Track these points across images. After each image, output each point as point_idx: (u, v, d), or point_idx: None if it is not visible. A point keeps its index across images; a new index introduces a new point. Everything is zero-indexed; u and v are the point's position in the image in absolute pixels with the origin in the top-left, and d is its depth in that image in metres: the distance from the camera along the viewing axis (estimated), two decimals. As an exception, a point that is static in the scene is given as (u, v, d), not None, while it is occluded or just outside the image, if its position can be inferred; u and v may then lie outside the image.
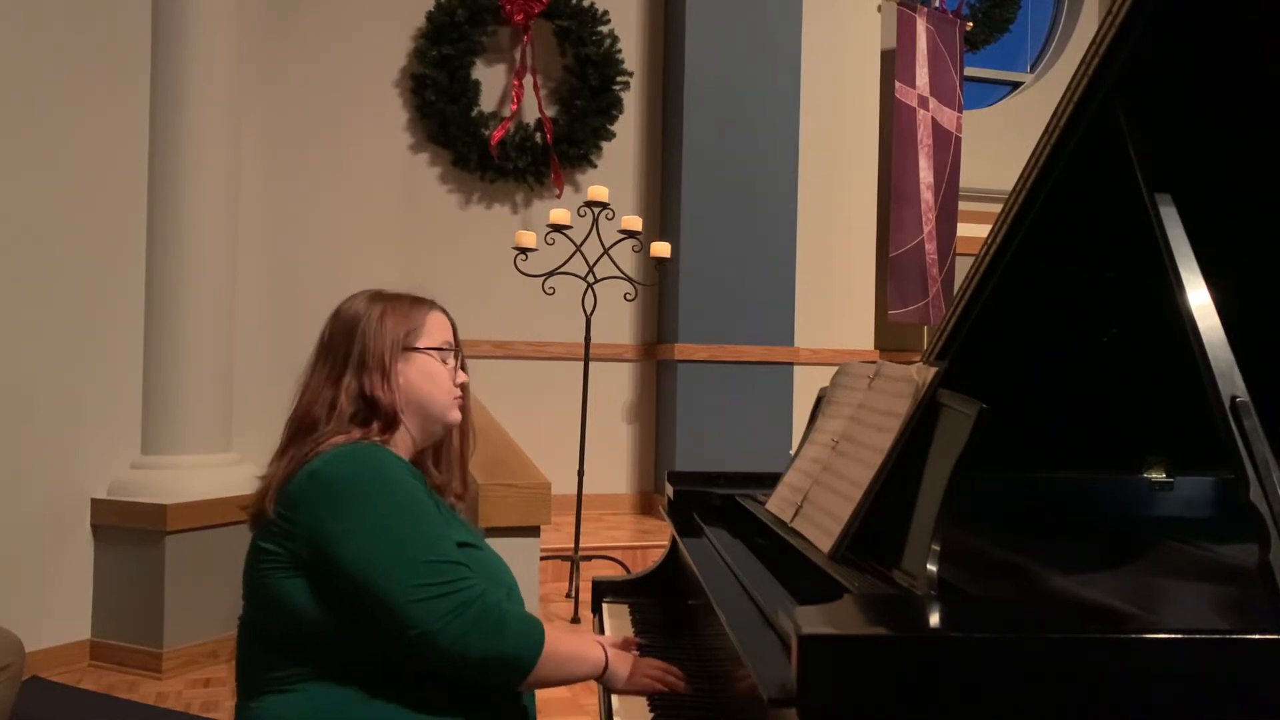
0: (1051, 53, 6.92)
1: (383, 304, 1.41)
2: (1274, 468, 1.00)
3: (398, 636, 1.20)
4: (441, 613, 1.19)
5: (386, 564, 1.20)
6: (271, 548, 1.26)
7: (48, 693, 3.16)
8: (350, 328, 1.39)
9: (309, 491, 1.25)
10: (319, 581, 1.24)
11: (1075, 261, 1.53)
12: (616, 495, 5.28)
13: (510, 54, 5.20)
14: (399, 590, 1.19)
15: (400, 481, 1.28)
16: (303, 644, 1.25)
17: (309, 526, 1.23)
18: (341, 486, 1.24)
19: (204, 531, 3.50)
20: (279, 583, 1.25)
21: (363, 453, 1.29)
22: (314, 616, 1.24)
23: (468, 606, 1.21)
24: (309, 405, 1.35)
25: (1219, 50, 1.27)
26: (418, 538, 1.23)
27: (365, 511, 1.23)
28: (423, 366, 1.40)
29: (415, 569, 1.20)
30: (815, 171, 5.34)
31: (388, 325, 1.38)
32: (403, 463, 1.34)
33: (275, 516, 1.26)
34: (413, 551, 1.22)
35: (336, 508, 1.23)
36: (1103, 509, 1.73)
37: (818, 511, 1.32)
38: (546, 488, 2.95)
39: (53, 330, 3.45)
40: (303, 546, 1.24)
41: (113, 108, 3.63)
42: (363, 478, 1.25)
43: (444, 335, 1.45)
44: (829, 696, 0.84)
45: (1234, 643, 0.88)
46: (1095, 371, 1.63)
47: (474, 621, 1.20)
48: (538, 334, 5.00)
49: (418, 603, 1.19)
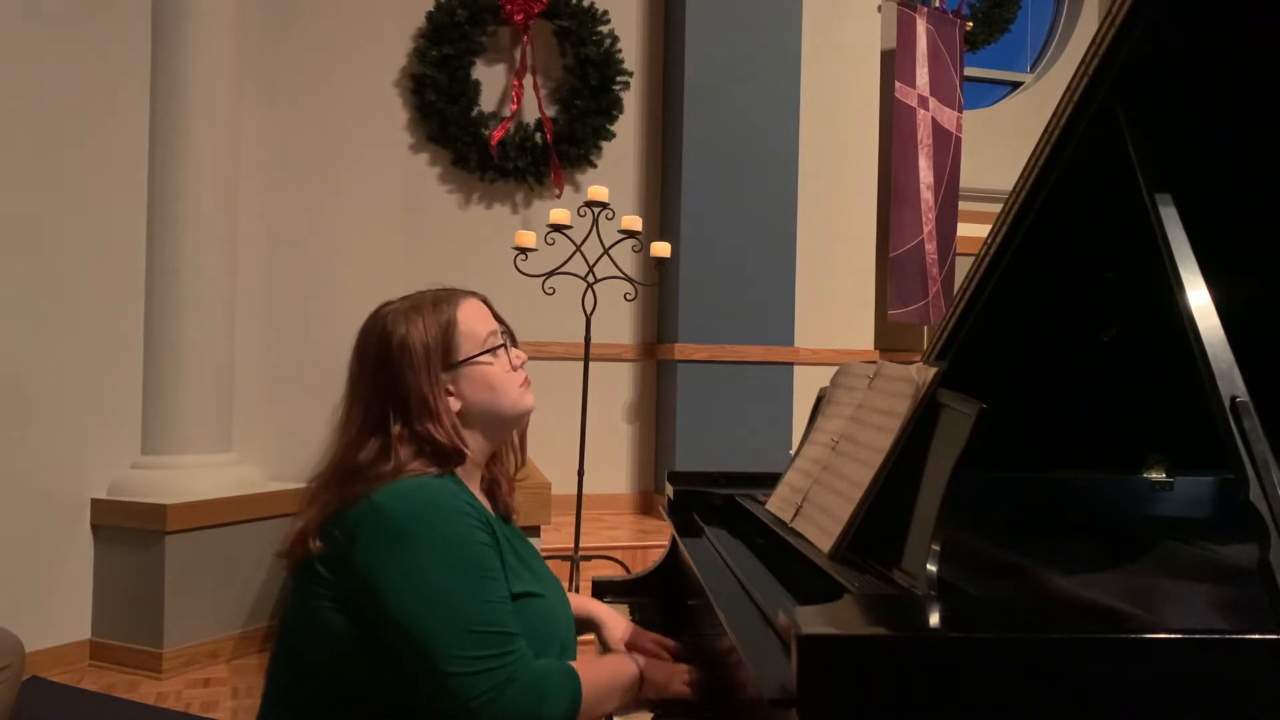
0: (1051, 53, 6.92)
1: (406, 324, 1.28)
2: (1274, 468, 1.00)
3: (432, 699, 1.15)
4: (481, 690, 1.13)
5: (434, 626, 1.14)
6: (324, 573, 1.20)
7: (48, 693, 3.16)
8: (381, 362, 1.27)
9: (369, 524, 1.18)
10: (362, 619, 1.18)
11: (1075, 261, 1.53)
12: (616, 495, 5.28)
13: (510, 54, 5.20)
14: (442, 658, 1.13)
15: (463, 533, 1.19)
16: (335, 673, 1.21)
17: (364, 563, 1.17)
18: (402, 529, 1.17)
19: (204, 531, 3.50)
20: (322, 610, 1.20)
21: (428, 492, 1.21)
22: (350, 650, 1.19)
23: (509, 685, 1.15)
24: (354, 451, 1.24)
25: (1219, 50, 1.27)
26: (470, 602, 1.16)
27: (422, 561, 1.16)
28: (475, 378, 1.30)
29: (462, 638, 1.14)
30: (815, 171, 5.33)
31: (418, 352, 1.26)
32: (469, 504, 1.24)
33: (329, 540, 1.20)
34: (463, 618, 1.15)
35: (393, 551, 1.16)
36: (1103, 509, 1.73)
37: (818, 511, 1.32)
38: (546, 488, 2.96)
39: (53, 330, 3.45)
40: (353, 580, 1.18)
41: (113, 108, 3.63)
42: (426, 521, 1.18)
43: (485, 326, 1.33)
44: (829, 696, 0.84)
45: (1234, 643, 0.88)
46: (1095, 371, 1.63)
47: (512, 701, 1.14)
48: (538, 334, 4.99)
49: (459, 675, 1.13)
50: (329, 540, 1.20)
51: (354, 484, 1.21)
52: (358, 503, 1.19)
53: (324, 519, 1.21)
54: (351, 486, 1.21)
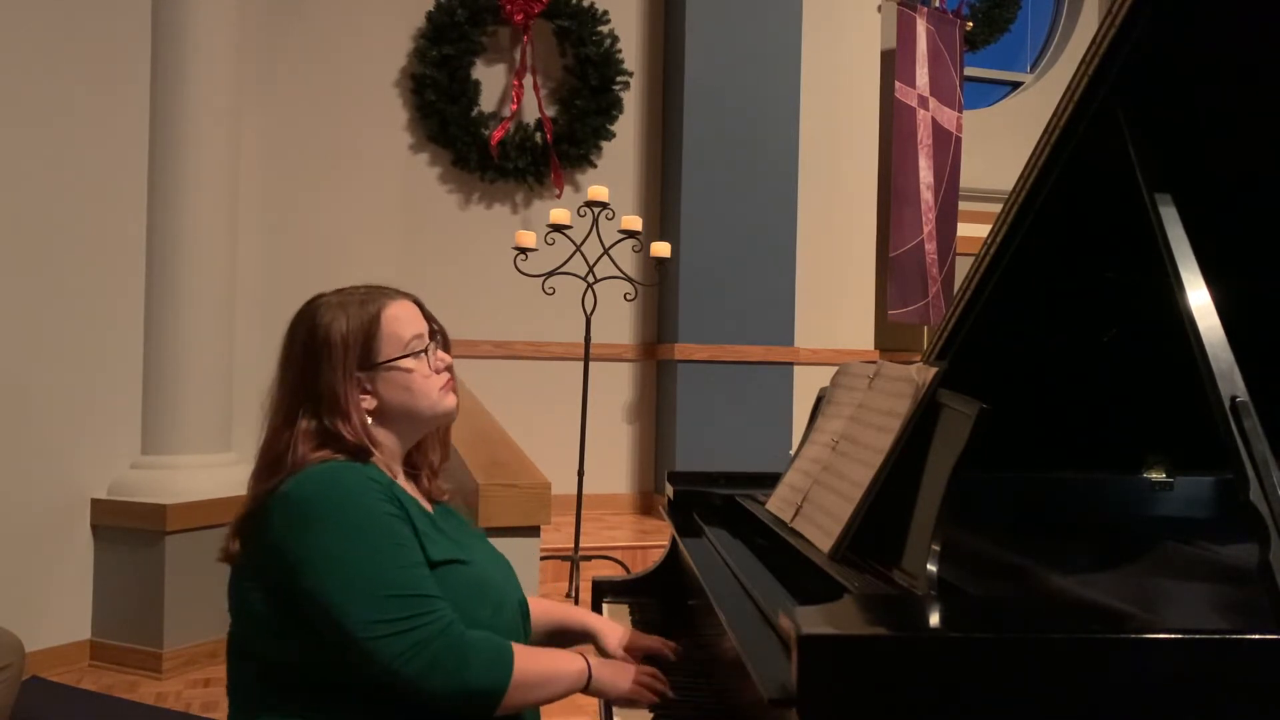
0: (1051, 53, 6.92)
1: (330, 318, 1.31)
2: (1274, 468, 1.00)
3: (360, 668, 1.17)
4: (398, 651, 1.15)
5: (346, 595, 1.16)
6: (248, 565, 1.25)
7: (48, 693, 3.16)
8: (304, 352, 1.31)
9: (279, 511, 1.22)
10: (288, 602, 1.20)
11: (1075, 261, 1.53)
12: (616, 495, 5.28)
13: (510, 54, 5.20)
14: (357, 624, 1.15)
15: (369, 505, 1.22)
16: (280, 663, 1.23)
17: (278, 546, 1.21)
18: (307, 509, 1.20)
19: (204, 531, 3.50)
20: (256, 602, 1.23)
21: (333, 473, 1.24)
22: (287, 638, 1.21)
23: (427, 644, 1.16)
24: (272, 440, 1.29)
25: (1219, 50, 1.27)
26: (381, 569, 1.18)
27: (331, 537, 1.19)
28: (393, 380, 1.32)
29: (374, 603, 1.16)
30: (815, 171, 5.34)
31: (337, 348, 1.29)
32: (376, 483, 1.26)
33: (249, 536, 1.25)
34: (374, 584, 1.17)
35: (303, 530, 1.19)
36: (1103, 509, 1.73)
37: (818, 511, 1.32)
38: (546, 488, 2.95)
39: (53, 330, 3.45)
40: (273, 566, 1.21)
41: (113, 107, 3.63)
42: (331, 500, 1.21)
43: (411, 329, 1.35)
44: (829, 696, 0.84)
45: (1234, 643, 0.88)
46: (1095, 371, 1.63)
47: (433, 659, 1.16)
48: (538, 334, 4.99)
49: (375, 640, 1.15)
50: (246, 538, 1.25)
51: (269, 479, 1.26)
52: (270, 497, 1.24)
53: (244, 516, 1.27)
54: (266, 483, 1.26)
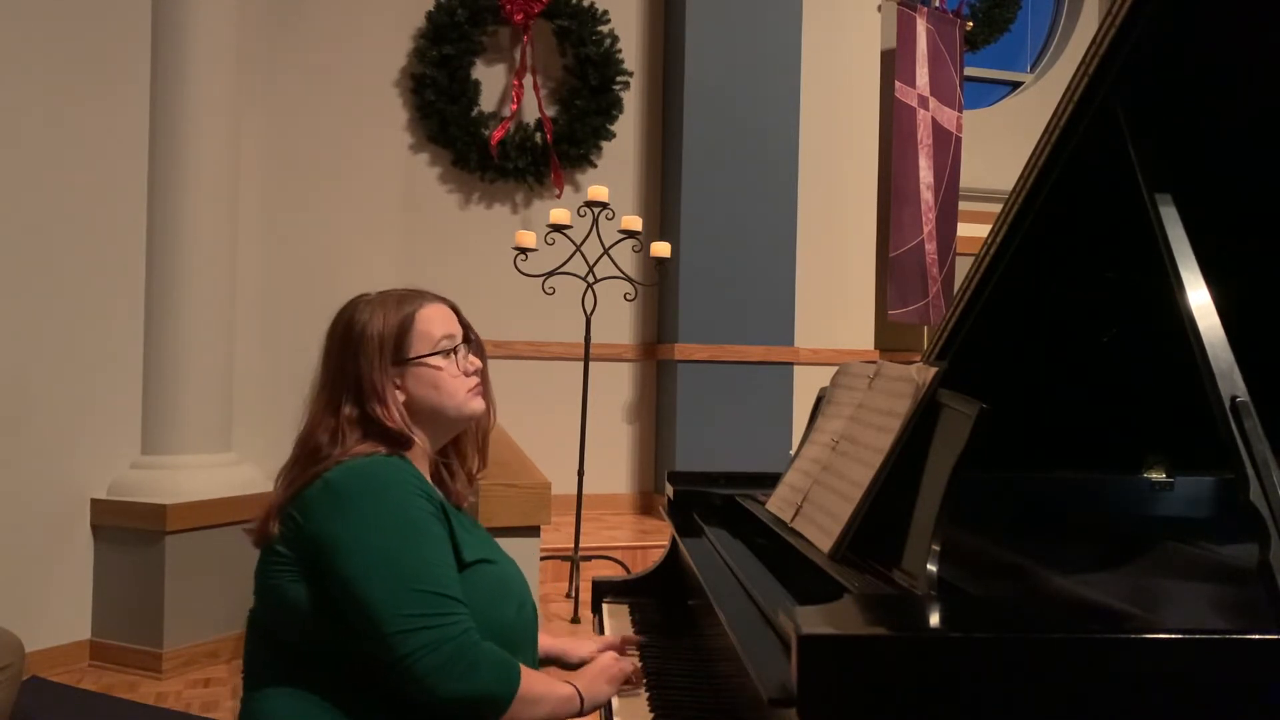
0: (1051, 53, 6.92)
1: (369, 315, 1.36)
2: (1274, 468, 1.00)
3: (379, 658, 1.20)
4: (417, 645, 1.18)
5: (378, 584, 1.20)
6: (283, 550, 1.27)
7: (48, 693, 3.16)
8: (343, 346, 1.36)
9: (321, 499, 1.25)
10: (321, 589, 1.24)
11: (1075, 261, 1.53)
12: (616, 495, 5.28)
13: (510, 54, 5.20)
14: (385, 614, 1.19)
15: (408, 501, 1.26)
16: (304, 647, 1.26)
17: (315, 532, 1.24)
18: (350, 497, 1.24)
19: (204, 531, 3.50)
20: (285, 585, 1.26)
21: (376, 466, 1.28)
22: (315, 622, 1.24)
23: (443, 644, 1.19)
24: (312, 429, 1.33)
25: (1219, 50, 1.27)
26: (415, 563, 1.22)
27: (368, 526, 1.23)
28: (422, 377, 1.36)
29: (405, 596, 1.20)
30: (815, 171, 5.34)
31: (374, 342, 1.34)
32: (416, 480, 1.31)
33: (287, 521, 1.27)
34: (407, 577, 1.21)
35: (342, 517, 1.23)
36: (1103, 509, 1.73)
37: (818, 511, 1.32)
38: (546, 488, 2.95)
39: (53, 330, 3.45)
40: (308, 553, 1.25)
41: (113, 108, 3.62)
42: (372, 492, 1.25)
43: (443, 329, 1.39)
44: (829, 696, 0.84)
45: (1234, 643, 0.88)
46: (1095, 371, 1.63)
47: (446, 660, 1.19)
48: (538, 334, 4.99)
49: (400, 633, 1.18)
50: (287, 522, 1.27)
51: (312, 465, 1.29)
52: (313, 483, 1.27)
53: (284, 501, 1.29)
54: (310, 469, 1.29)
